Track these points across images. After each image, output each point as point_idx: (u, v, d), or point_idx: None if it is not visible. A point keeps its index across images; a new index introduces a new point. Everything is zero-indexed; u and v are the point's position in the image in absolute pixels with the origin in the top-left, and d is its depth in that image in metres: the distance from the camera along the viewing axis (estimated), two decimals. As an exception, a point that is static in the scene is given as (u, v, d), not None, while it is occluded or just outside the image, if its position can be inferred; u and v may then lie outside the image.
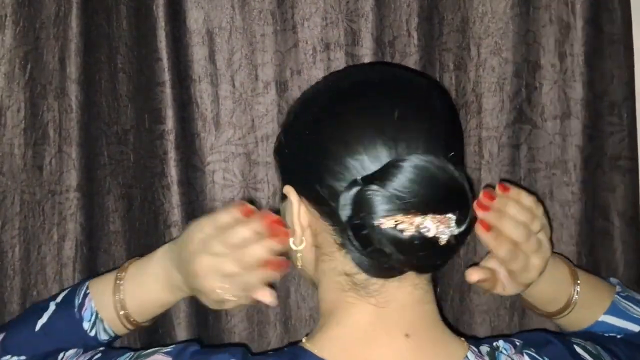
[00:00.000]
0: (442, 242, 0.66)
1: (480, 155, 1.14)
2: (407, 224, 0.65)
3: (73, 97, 1.07)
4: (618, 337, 0.89)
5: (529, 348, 0.75)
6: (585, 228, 1.14)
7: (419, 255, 0.67)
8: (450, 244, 0.67)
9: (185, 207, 1.06)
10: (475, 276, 0.79)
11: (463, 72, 1.13)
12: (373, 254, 0.67)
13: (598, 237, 1.16)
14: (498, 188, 0.78)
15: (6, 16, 1.06)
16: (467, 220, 0.68)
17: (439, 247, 0.66)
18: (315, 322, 0.83)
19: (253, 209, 0.79)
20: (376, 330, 0.71)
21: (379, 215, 0.65)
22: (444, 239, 0.66)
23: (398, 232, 0.65)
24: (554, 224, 1.13)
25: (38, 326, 0.85)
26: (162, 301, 0.87)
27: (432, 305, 0.74)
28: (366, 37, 1.09)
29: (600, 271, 1.16)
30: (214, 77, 1.10)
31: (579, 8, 1.10)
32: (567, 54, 1.11)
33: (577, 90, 1.11)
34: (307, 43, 1.10)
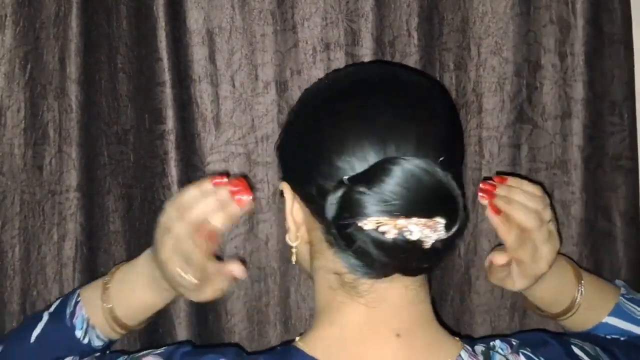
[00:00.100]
0: (427, 246, 0.66)
1: (480, 155, 1.14)
2: (390, 227, 0.65)
3: (73, 97, 1.07)
4: (621, 339, 0.89)
5: (525, 348, 0.75)
6: (586, 228, 1.14)
7: (402, 258, 0.66)
8: (436, 248, 0.67)
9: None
10: (501, 259, 0.80)
11: (463, 72, 1.13)
12: (358, 254, 0.67)
13: (599, 237, 1.16)
14: (494, 179, 0.79)
15: (6, 16, 1.06)
16: (457, 225, 0.67)
17: (424, 250, 0.66)
18: (314, 322, 0.83)
19: (221, 180, 0.78)
20: (367, 330, 0.71)
21: (362, 216, 0.65)
22: (429, 242, 0.66)
23: (380, 234, 0.65)
24: (555, 224, 1.13)
25: (33, 338, 0.85)
26: (149, 303, 0.87)
27: (425, 305, 0.73)
28: (366, 37, 1.09)
29: (602, 272, 1.15)
30: (214, 77, 1.10)
31: (580, 8, 1.10)
32: (568, 53, 1.11)
33: (578, 90, 1.11)
34: (307, 43, 1.10)
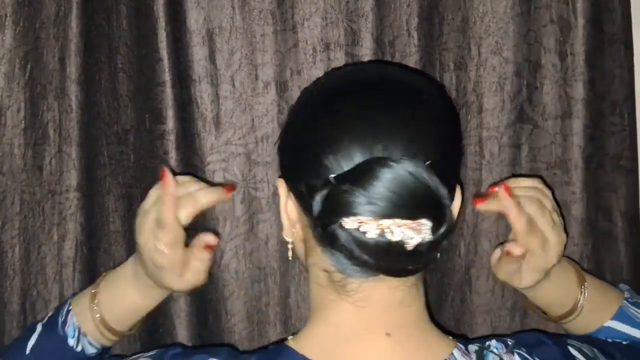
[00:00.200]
0: (409, 248, 0.66)
1: (481, 155, 1.14)
2: (372, 226, 0.65)
3: (73, 97, 1.07)
4: (623, 343, 0.88)
5: (521, 348, 0.75)
6: (587, 228, 1.14)
7: (383, 258, 0.66)
8: (419, 250, 0.66)
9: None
10: (517, 249, 0.80)
11: (463, 72, 1.12)
12: (341, 252, 0.68)
13: (600, 237, 1.15)
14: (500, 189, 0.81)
15: (6, 16, 1.06)
16: (443, 228, 0.67)
17: (406, 252, 0.66)
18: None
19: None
20: (357, 328, 0.71)
21: (345, 214, 0.65)
22: (411, 244, 0.66)
23: (361, 233, 0.65)
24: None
25: (28, 349, 0.86)
26: (136, 304, 0.88)
27: (416, 306, 0.73)
28: (366, 37, 1.09)
29: (603, 272, 1.15)
30: (214, 77, 1.10)
31: (580, 7, 1.09)
32: (568, 53, 1.11)
33: (578, 90, 1.11)
34: (307, 43, 1.10)
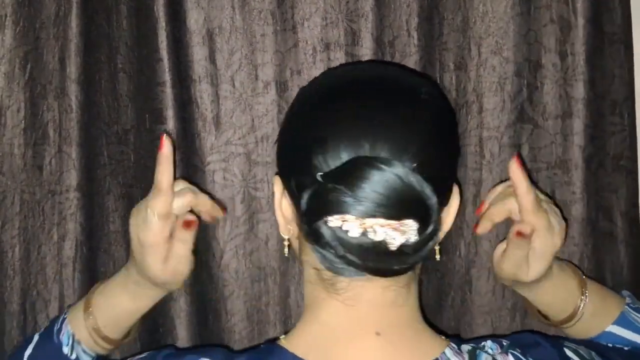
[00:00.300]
0: (393, 248, 0.66)
1: (481, 155, 1.13)
2: (355, 225, 0.65)
3: (73, 97, 1.08)
4: (625, 349, 0.88)
5: (515, 348, 0.74)
6: (587, 229, 1.13)
7: (366, 257, 0.66)
8: (404, 251, 0.66)
9: (186, 208, 1.06)
10: (528, 227, 0.80)
11: (463, 72, 1.12)
12: (326, 250, 0.68)
13: (600, 237, 1.15)
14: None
15: (6, 16, 1.06)
16: (429, 230, 0.67)
17: (390, 252, 0.66)
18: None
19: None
20: (347, 327, 0.71)
21: (329, 212, 0.66)
22: (394, 244, 0.66)
23: (343, 231, 0.66)
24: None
25: (25, 358, 0.87)
26: (125, 308, 0.88)
27: (408, 306, 0.73)
28: (366, 37, 1.09)
29: (603, 272, 1.15)
30: (214, 77, 1.10)
31: (580, 7, 1.09)
32: (568, 52, 1.11)
33: (579, 90, 1.11)
34: (307, 43, 1.10)
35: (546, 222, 0.81)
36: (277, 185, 0.75)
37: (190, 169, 1.09)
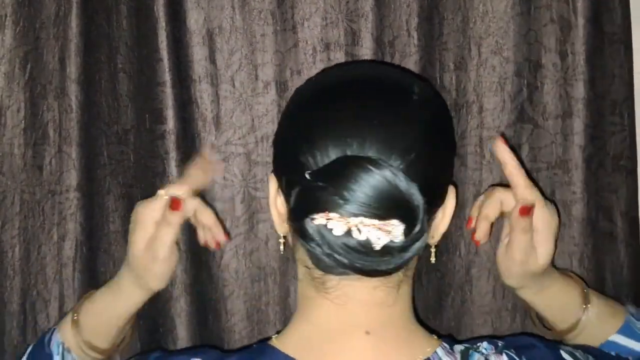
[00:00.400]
0: (377, 248, 0.66)
1: (481, 155, 1.14)
2: (340, 223, 0.65)
3: (73, 97, 1.08)
4: (630, 359, 0.87)
5: (510, 349, 0.74)
6: (588, 229, 1.13)
7: (350, 256, 0.66)
8: (388, 251, 0.66)
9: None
10: (529, 203, 0.81)
11: (464, 72, 1.12)
12: (312, 248, 0.68)
13: (601, 237, 1.15)
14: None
15: (6, 16, 1.06)
16: (415, 231, 0.66)
17: (375, 252, 0.66)
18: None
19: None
20: (336, 327, 0.71)
21: (314, 210, 0.66)
22: (378, 244, 0.65)
23: (328, 229, 0.66)
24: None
25: None
26: (110, 311, 0.88)
27: (399, 306, 0.72)
28: (366, 37, 1.09)
29: (603, 272, 1.15)
30: (214, 77, 1.10)
31: (580, 6, 1.09)
32: (569, 52, 1.11)
33: (579, 89, 1.11)
34: (307, 43, 1.10)
35: (541, 197, 0.82)
36: (272, 184, 0.75)
37: (190, 169, 1.09)
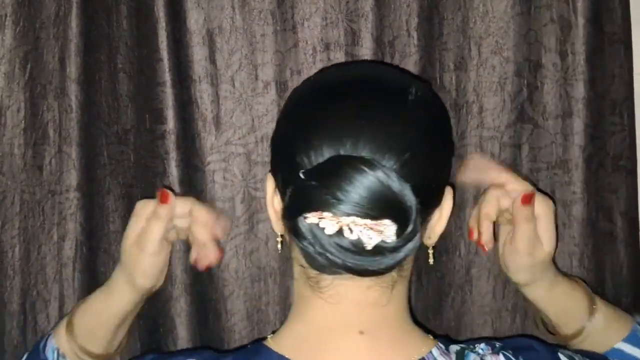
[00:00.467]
0: (368, 247, 0.65)
1: (481, 155, 1.13)
2: (331, 223, 0.65)
3: (73, 97, 1.08)
4: None
5: (508, 350, 0.74)
6: (588, 229, 1.13)
7: (341, 255, 0.66)
8: (380, 251, 0.66)
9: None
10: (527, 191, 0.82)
11: (464, 72, 1.12)
12: (305, 247, 0.68)
13: (601, 237, 1.15)
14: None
15: (6, 16, 1.06)
16: (407, 231, 0.66)
17: (366, 251, 0.66)
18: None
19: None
20: (330, 326, 0.71)
21: (307, 209, 0.66)
22: (370, 244, 0.65)
23: (320, 228, 0.66)
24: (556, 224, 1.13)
25: None
26: (101, 311, 0.88)
27: (394, 306, 0.72)
28: (366, 37, 1.09)
29: (604, 273, 1.15)
30: (214, 77, 1.10)
31: (580, 6, 1.09)
32: (569, 52, 1.11)
33: (579, 89, 1.11)
34: (307, 43, 1.10)
35: (532, 186, 0.84)
36: (270, 183, 0.75)
37: (190, 169, 1.09)
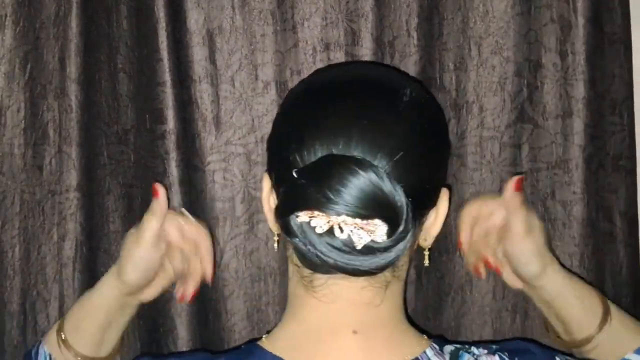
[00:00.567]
0: (358, 247, 0.66)
1: (481, 155, 1.13)
2: (322, 221, 0.65)
3: (73, 97, 1.08)
4: None
5: (504, 352, 0.74)
6: (588, 229, 1.13)
7: (332, 254, 0.66)
8: (370, 251, 0.66)
9: (186, 207, 1.06)
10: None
11: (463, 72, 1.12)
12: (297, 245, 0.68)
13: (601, 237, 1.15)
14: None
15: (6, 16, 1.06)
16: (398, 231, 0.66)
17: (356, 251, 0.66)
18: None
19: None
20: (324, 326, 0.71)
21: (299, 207, 0.66)
22: (360, 243, 0.65)
23: (310, 227, 0.66)
24: (556, 224, 1.13)
25: None
26: (91, 310, 0.88)
27: (388, 306, 0.72)
28: (366, 37, 1.09)
29: (603, 273, 1.15)
30: (214, 77, 1.10)
31: (580, 6, 1.09)
32: (569, 52, 1.11)
33: (579, 89, 1.11)
34: (307, 43, 1.10)
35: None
36: (266, 181, 0.76)
37: (190, 169, 1.09)
